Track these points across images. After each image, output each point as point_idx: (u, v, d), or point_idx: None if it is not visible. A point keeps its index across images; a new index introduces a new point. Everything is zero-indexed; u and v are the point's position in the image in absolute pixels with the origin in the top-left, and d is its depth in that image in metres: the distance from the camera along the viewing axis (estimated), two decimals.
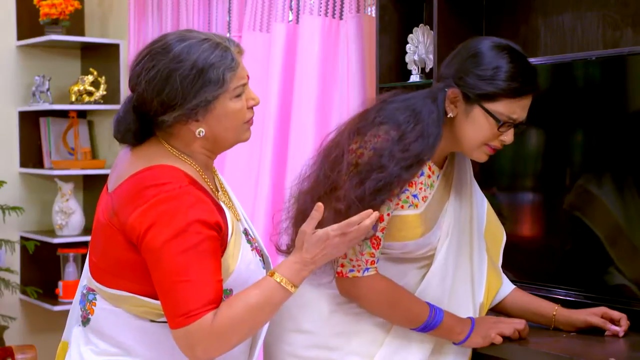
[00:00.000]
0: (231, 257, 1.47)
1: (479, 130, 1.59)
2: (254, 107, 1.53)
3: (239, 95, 1.49)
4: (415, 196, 1.61)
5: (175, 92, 1.43)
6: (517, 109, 1.58)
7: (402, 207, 1.59)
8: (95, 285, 1.52)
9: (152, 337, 1.48)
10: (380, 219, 1.56)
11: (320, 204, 1.47)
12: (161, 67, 1.43)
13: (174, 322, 1.40)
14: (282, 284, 1.43)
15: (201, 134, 1.48)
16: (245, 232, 1.56)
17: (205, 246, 1.41)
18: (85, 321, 1.55)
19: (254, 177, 2.75)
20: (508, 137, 1.60)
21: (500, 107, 1.57)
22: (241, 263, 1.49)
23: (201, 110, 1.45)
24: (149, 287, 1.44)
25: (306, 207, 1.59)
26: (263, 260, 1.58)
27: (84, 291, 1.57)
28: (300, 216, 1.62)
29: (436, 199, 1.65)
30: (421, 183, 1.62)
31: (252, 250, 1.54)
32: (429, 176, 1.64)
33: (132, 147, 1.53)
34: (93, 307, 1.54)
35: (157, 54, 1.45)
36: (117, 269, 1.47)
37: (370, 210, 1.47)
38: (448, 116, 1.60)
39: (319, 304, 1.65)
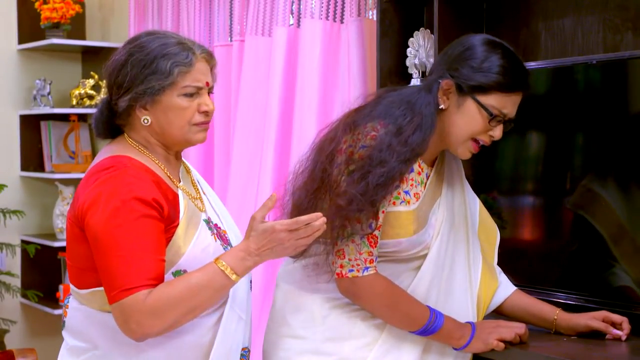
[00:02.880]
0: (181, 239, 1.51)
1: (470, 122, 1.60)
2: (208, 113, 1.58)
3: (189, 95, 1.54)
4: (406, 193, 1.61)
5: (126, 75, 1.53)
6: (508, 103, 1.60)
7: (394, 203, 1.60)
8: (72, 288, 1.59)
9: (113, 330, 1.51)
10: (375, 217, 1.56)
11: (274, 193, 1.51)
12: (123, 53, 1.55)
13: (110, 297, 1.45)
14: (224, 270, 1.46)
15: (146, 121, 1.55)
16: (208, 221, 1.59)
17: (142, 223, 1.45)
18: (63, 324, 1.62)
19: (255, 180, 2.75)
20: (497, 132, 1.62)
21: (493, 101, 1.59)
22: (195, 246, 1.53)
23: (148, 98, 1.52)
24: None
25: (300, 202, 1.61)
26: None
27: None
28: (295, 212, 1.63)
29: (428, 197, 1.66)
30: (411, 180, 1.62)
31: (212, 235, 1.57)
32: (419, 173, 1.64)
33: (106, 146, 1.61)
34: (66, 309, 1.61)
35: (126, 44, 1.57)
36: (81, 262, 1.53)
37: (319, 214, 1.47)
38: (440, 107, 1.61)
39: (311, 309, 1.65)
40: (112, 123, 1.60)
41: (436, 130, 1.62)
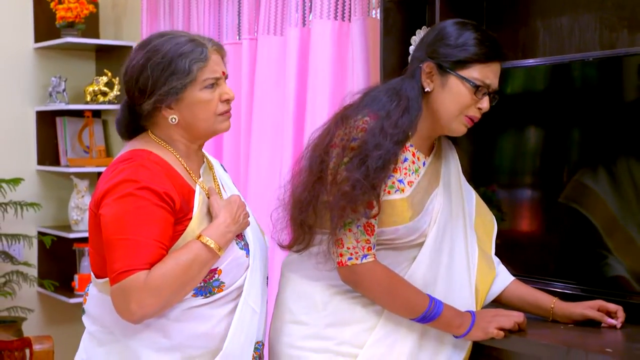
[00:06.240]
0: (195, 232, 1.56)
1: (456, 98, 1.65)
2: (229, 101, 1.63)
3: (210, 87, 1.59)
4: (400, 181, 1.65)
5: (147, 80, 1.56)
6: (489, 73, 1.65)
7: (389, 192, 1.64)
8: (92, 276, 1.65)
9: None
10: (370, 206, 1.60)
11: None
12: (139, 58, 1.57)
13: (111, 279, 1.50)
14: (207, 244, 1.53)
15: (173, 120, 1.60)
16: None
17: (150, 210, 1.50)
18: (83, 311, 1.68)
19: (276, 177, 2.75)
20: (484, 104, 1.66)
21: (474, 73, 1.64)
22: None
23: (172, 98, 1.57)
24: None
25: (300, 196, 1.66)
26: (248, 248, 1.65)
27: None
28: (295, 209, 1.68)
29: (423, 185, 1.70)
30: (405, 169, 1.67)
31: None
32: (414, 162, 1.69)
33: (128, 142, 1.66)
34: (86, 297, 1.67)
35: (139, 48, 1.60)
36: (101, 251, 1.56)
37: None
38: (425, 91, 1.67)
39: (313, 295, 1.70)
40: (134, 124, 1.65)
41: (426, 114, 1.67)
